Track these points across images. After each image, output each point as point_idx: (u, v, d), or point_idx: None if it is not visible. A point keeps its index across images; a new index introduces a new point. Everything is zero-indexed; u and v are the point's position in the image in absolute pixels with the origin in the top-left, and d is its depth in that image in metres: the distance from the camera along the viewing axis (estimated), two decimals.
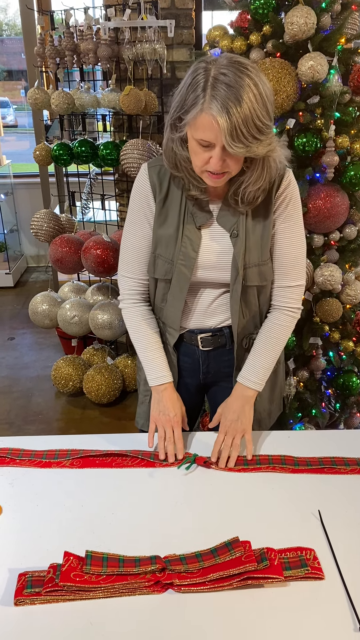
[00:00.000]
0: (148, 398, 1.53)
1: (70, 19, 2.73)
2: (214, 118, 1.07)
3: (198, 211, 1.30)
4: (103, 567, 0.97)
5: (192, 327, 1.43)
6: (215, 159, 1.13)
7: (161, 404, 1.38)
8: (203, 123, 1.10)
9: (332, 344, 2.24)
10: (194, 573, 0.97)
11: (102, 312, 2.86)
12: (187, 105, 1.11)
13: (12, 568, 1.00)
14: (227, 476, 1.25)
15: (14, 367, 3.57)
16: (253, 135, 1.09)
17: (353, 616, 0.91)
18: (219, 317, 1.41)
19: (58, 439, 1.39)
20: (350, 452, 1.33)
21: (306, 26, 1.86)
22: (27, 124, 13.18)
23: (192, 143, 1.16)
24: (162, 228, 1.33)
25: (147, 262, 1.39)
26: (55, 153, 2.91)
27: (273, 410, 1.55)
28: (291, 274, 1.37)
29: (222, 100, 1.05)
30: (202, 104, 1.08)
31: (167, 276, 1.35)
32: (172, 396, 1.39)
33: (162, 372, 1.40)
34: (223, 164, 1.15)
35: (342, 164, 2.03)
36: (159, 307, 1.43)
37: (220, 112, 1.06)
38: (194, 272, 1.33)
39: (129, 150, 2.51)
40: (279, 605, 0.93)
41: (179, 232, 1.30)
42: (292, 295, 1.38)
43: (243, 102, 1.06)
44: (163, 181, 1.30)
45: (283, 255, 1.35)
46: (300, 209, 1.34)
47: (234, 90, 1.05)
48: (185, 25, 2.80)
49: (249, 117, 1.07)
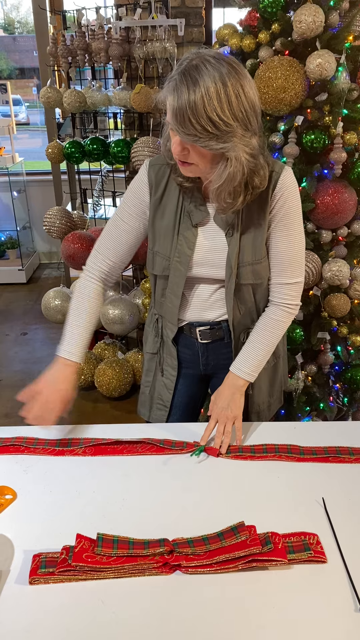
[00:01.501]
0: (148, 388, 1.58)
1: (82, 19, 2.77)
2: (167, 98, 1.08)
3: (194, 209, 1.32)
4: (113, 548, 1.01)
5: (190, 319, 1.46)
6: (174, 143, 1.14)
7: (50, 373, 1.38)
8: (167, 104, 1.10)
9: (340, 338, 2.26)
10: (201, 555, 1.01)
11: (113, 307, 2.91)
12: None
13: (27, 550, 1.04)
14: (235, 464, 1.29)
15: (27, 362, 3.63)
16: (203, 126, 1.06)
17: (354, 597, 0.94)
18: (217, 311, 1.44)
19: (71, 428, 1.43)
20: (355, 442, 1.35)
21: (314, 24, 1.88)
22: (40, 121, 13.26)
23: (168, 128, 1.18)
24: (159, 225, 1.36)
25: (120, 248, 1.41)
26: (67, 151, 2.96)
27: (272, 403, 1.58)
28: (289, 271, 1.37)
29: (177, 83, 1.06)
30: (166, 85, 1.10)
31: (165, 272, 1.38)
32: (64, 374, 1.37)
33: (72, 348, 1.38)
34: (184, 152, 1.14)
35: (350, 161, 2.05)
36: (159, 302, 1.46)
37: (171, 92, 1.06)
38: (189, 269, 1.36)
39: (139, 148, 2.55)
40: (282, 586, 0.97)
41: (175, 229, 1.34)
42: (289, 292, 1.39)
43: (197, 90, 1.04)
44: (161, 180, 1.34)
45: (281, 253, 1.35)
46: (299, 207, 1.32)
47: (194, 79, 1.04)
48: (195, 23, 2.82)
49: (200, 106, 1.04)
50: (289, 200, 1.30)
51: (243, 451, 1.32)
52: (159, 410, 1.57)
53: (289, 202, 1.30)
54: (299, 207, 1.33)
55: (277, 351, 1.53)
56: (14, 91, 14.97)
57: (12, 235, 5.16)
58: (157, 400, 1.57)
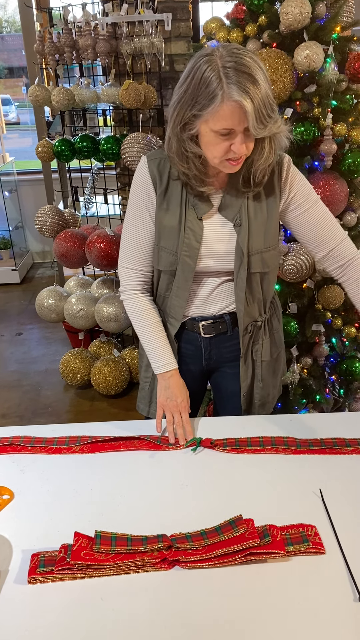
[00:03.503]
0: (147, 384, 1.58)
1: (69, 15, 2.75)
2: (238, 103, 1.10)
3: (199, 202, 1.32)
4: (112, 546, 1.01)
5: (193, 314, 1.46)
6: (239, 143, 1.16)
7: (168, 390, 1.42)
8: (225, 112, 1.12)
9: (335, 330, 2.26)
10: (199, 550, 1.01)
11: (108, 305, 2.90)
12: (201, 103, 1.13)
13: (25, 549, 1.04)
14: (232, 457, 1.29)
15: (22, 362, 3.63)
16: (269, 114, 1.14)
17: (353, 587, 0.95)
18: (219, 305, 1.44)
19: (68, 427, 1.43)
20: (351, 433, 1.36)
21: (301, 16, 1.88)
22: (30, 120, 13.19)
23: (209, 136, 1.18)
24: (164, 220, 1.35)
25: (148, 253, 1.41)
26: (57, 149, 2.95)
27: (275, 395, 1.59)
28: (335, 232, 1.39)
29: (240, 85, 1.09)
30: (221, 95, 1.10)
31: (171, 267, 1.38)
32: (178, 382, 1.44)
33: (168, 359, 1.43)
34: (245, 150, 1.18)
35: (340, 152, 2.05)
36: (163, 297, 1.46)
37: (242, 95, 1.09)
38: (198, 262, 1.36)
39: (129, 144, 2.54)
40: (281, 578, 0.97)
41: (181, 223, 1.33)
42: (349, 246, 1.39)
43: (258, 83, 1.10)
44: (163, 173, 1.33)
45: (320, 226, 1.37)
46: (307, 182, 1.37)
47: (246, 74, 1.09)
48: (182, 18, 2.81)
49: (265, 97, 1.12)
50: (298, 181, 1.35)
51: (240, 444, 1.32)
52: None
53: (299, 182, 1.35)
54: (307, 181, 1.38)
55: (279, 342, 1.54)
56: (3, 91, 14.91)
57: (4, 235, 5.14)
58: (156, 395, 1.56)
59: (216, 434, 1.36)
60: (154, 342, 1.44)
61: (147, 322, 1.45)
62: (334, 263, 1.40)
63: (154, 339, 1.44)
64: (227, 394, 1.57)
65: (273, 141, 1.23)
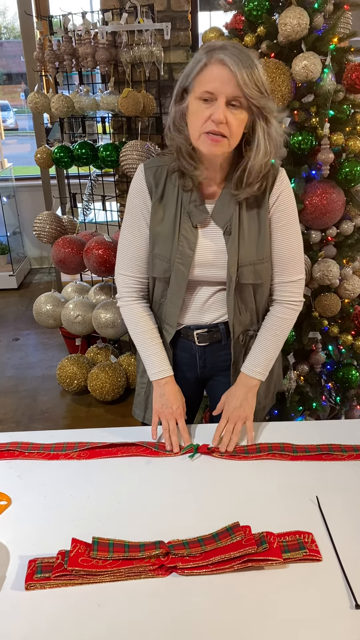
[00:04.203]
0: (143, 390, 1.58)
1: (69, 24, 2.77)
2: (224, 64, 1.13)
3: (194, 209, 1.33)
4: (109, 552, 1.01)
5: (188, 323, 1.47)
6: (219, 108, 1.16)
7: (164, 397, 1.42)
8: (210, 73, 1.16)
9: (331, 337, 2.27)
10: (197, 557, 1.01)
11: (105, 311, 2.91)
12: (190, 72, 1.19)
13: (22, 555, 1.04)
14: (229, 464, 1.30)
15: (19, 367, 3.62)
16: (265, 87, 1.17)
17: (349, 595, 0.95)
18: (214, 314, 1.45)
19: (65, 433, 1.43)
20: (347, 440, 1.36)
21: (299, 27, 1.90)
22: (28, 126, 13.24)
23: (193, 105, 1.20)
24: (159, 227, 1.36)
25: (145, 260, 1.43)
26: (56, 156, 2.96)
27: (267, 404, 1.60)
28: (291, 269, 1.41)
29: (233, 54, 1.14)
30: (208, 58, 1.16)
31: (165, 274, 1.38)
32: (173, 389, 1.44)
33: (163, 366, 1.44)
34: (225, 118, 1.17)
35: (337, 161, 2.06)
36: (158, 303, 1.47)
37: (232, 60, 1.13)
38: (191, 270, 1.37)
39: (128, 152, 2.56)
40: (278, 585, 0.98)
41: (176, 231, 1.34)
42: (293, 289, 1.42)
43: (254, 62, 1.16)
44: (159, 181, 1.34)
45: (282, 252, 1.38)
46: (295, 206, 1.38)
47: (242, 52, 1.16)
48: (181, 27, 2.84)
49: (259, 73, 1.16)
50: (286, 200, 1.35)
51: (237, 451, 1.33)
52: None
53: (286, 202, 1.35)
54: (295, 206, 1.38)
55: None
56: (2, 97, 14.95)
57: (2, 240, 5.15)
58: (151, 402, 1.56)
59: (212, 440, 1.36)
60: (150, 349, 1.45)
61: (142, 329, 1.45)
62: (275, 295, 1.44)
63: (150, 345, 1.45)
64: None
65: (269, 137, 1.23)
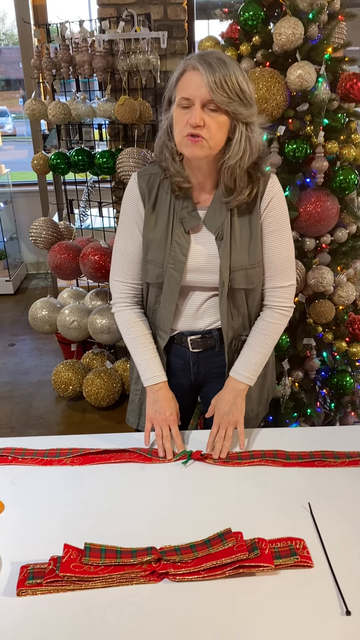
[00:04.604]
0: (137, 396, 1.58)
1: (66, 32, 2.79)
2: (196, 69, 1.18)
3: (187, 215, 1.35)
4: (101, 558, 1.01)
5: (182, 329, 1.48)
6: (194, 112, 1.19)
7: (157, 403, 1.43)
8: (185, 80, 1.20)
9: (326, 344, 2.28)
10: (188, 563, 1.01)
11: (101, 316, 2.91)
12: (171, 83, 1.24)
13: (14, 561, 1.04)
14: (221, 470, 1.30)
15: (14, 373, 3.62)
16: (236, 92, 1.19)
17: (340, 601, 0.95)
18: (208, 320, 1.46)
19: (59, 439, 1.43)
20: (341, 447, 1.37)
21: (294, 36, 1.92)
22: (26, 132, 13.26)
23: (175, 112, 1.24)
24: (152, 233, 1.38)
25: (139, 267, 1.44)
26: (53, 162, 2.97)
27: (260, 412, 1.59)
28: (282, 274, 1.41)
29: (204, 59, 1.18)
30: (184, 67, 1.21)
31: (158, 280, 1.39)
32: (167, 395, 1.44)
33: (156, 372, 1.44)
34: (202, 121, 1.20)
35: (331, 169, 2.08)
36: (152, 309, 1.47)
37: (202, 64, 1.17)
38: (183, 276, 1.38)
39: (124, 159, 2.57)
40: (270, 591, 0.98)
41: (168, 236, 1.36)
42: (284, 295, 1.43)
43: (228, 65, 1.19)
44: (152, 188, 1.36)
45: (273, 257, 1.39)
46: (286, 212, 1.39)
47: (215, 57, 1.19)
48: (178, 35, 2.86)
49: (234, 77, 1.18)
50: (277, 205, 1.36)
51: (230, 458, 1.33)
52: None
53: (277, 207, 1.36)
54: (286, 211, 1.39)
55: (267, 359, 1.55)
56: (0, 103, 14.98)
57: None
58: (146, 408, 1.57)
59: (206, 447, 1.37)
60: (143, 355, 1.45)
61: (136, 334, 1.46)
62: (266, 300, 1.45)
63: (143, 351, 1.45)
64: None
65: (247, 139, 1.25)
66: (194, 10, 2.99)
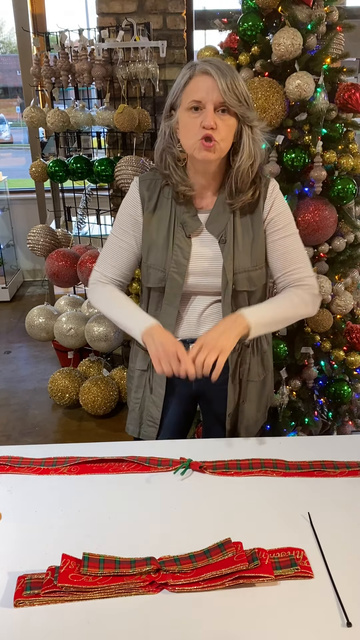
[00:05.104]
0: (138, 405, 1.57)
1: (65, 40, 2.80)
2: (208, 74, 1.21)
3: (188, 220, 1.36)
4: (100, 568, 1.00)
5: (184, 337, 1.47)
6: (208, 115, 1.22)
7: (156, 340, 1.29)
8: (195, 85, 1.23)
9: (324, 353, 2.28)
10: (188, 573, 1.00)
11: (98, 324, 2.91)
12: (176, 88, 1.26)
13: (11, 571, 1.03)
14: (220, 480, 1.29)
15: (10, 380, 3.60)
16: (244, 96, 1.25)
17: (341, 612, 0.95)
18: (209, 326, 1.45)
19: (56, 447, 1.42)
20: (339, 456, 1.36)
21: (293, 47, 1.93)
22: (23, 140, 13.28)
23: (184, 118, 1.26)
24: (153, 238, 1.39)
25: (123, 267, 1.45)
26: (51, 170, 2.98)
27: (259, 419, 1.59)
28: (302, 265, 1.42)
29: (214, 65, 1.21)
30: (192, 72, 1.23)
31: (160, 284, 1.40)
32: (164, 332, 1.32)
33: (144, 317, 1.36)
34: (215, 124, 1.23)
35: (329, 179, 2.09)
36: (153, 316, 1.47)
37: (214, 70, 1.20)
38: (185, 279, 1.38)
39: (123, 167, 2.58)
40: (269, 602, 0.97)
41: (170, 241, 1.37)
42: (309, 282, 1.41)
43: (234, 72, 1.24)
44: (153, 194, 1.38)
45: (291, 251, 1.41)
46: (289, 212, 1.42)
47: (223, 64, 1.25)
48: (177, 45, 2.87)
49: (241, 84, 1.24)
50: (280, 204, 1.40)
51: (229, 467, 1.32)
52: (149, 427, 1.56)
53: (281, 206, 1.40)
54: (289, 208, 1.42)
55: (267, 364, 1.55)
56: None
57: None
58: (147, 417, 1.56)
59: (205, 456, 1.36)
60: (128, 310, 1.38)
61: (116, 297, 1.43)
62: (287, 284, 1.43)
63: (127, 306, 1.39)
64: (216, 417, 1.57)
65: (254, 141, 1.30)
66: (192, 21, 3.01)
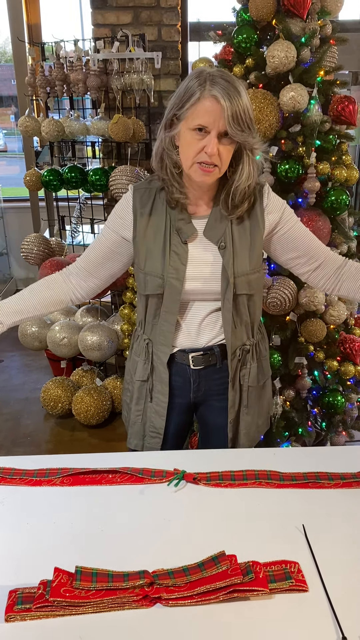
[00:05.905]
0: (140, 417, 1.56)
1: (61, 51, 2.81)
2: (217, 100, 1.18)
3: (182, 226, 1.37)
4: (92, 582, 0.98)
5: (183, 346, 1.47)
6: (211, 143, 1.22)
7: None
8: (203, 107, 1.20)
9: (317, 363, 2.28)
10: (182, 587, 0.99)
11: (92, 333, 2.90)
12: (184, 100, 1.22)
13: (2, 585, 1.01)
14: (214, 492, 1.28)
15: (3, 390, 3.58)
16: (248, 125, 1.24)
17: (336, 626, 0.94)
18: (208, 335, 1.46)
19: (48, 458, 1.40)
20: (333, 468, 1.36)
21: (287, 59, 1.95)
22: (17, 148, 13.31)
23: (186, 136, 1.25)
24: (149, 245, 1.39)
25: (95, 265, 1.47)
26: (45, 179, 2.98)
27: (260, 425, 1.59)
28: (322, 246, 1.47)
29: (224, 88, 1.19)
30: (201, 92, 1.20)
31: (158, 291, 1.40)
32: None
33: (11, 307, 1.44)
34: (217, 151, 1.23)
35: (323, 190, 2.10)
36: (151, 324, 1.47)
37: (223, 95, 1.18)
38: (184, 284, 1.38)
39: (117, 176, 2.58)
40: (264, 616, 0.96)
41: (166, 248, 1.37)
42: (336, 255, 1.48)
43: (241, 94, 1.22)
44: (147, 202, 1.39)
45: (308, 239, 1.45)
46: (285, 202, 1.44)
47: (231, 85, 1.19)
48: (171, 56, 2.89)
49: (246, 108, 1.22)
50: (278, 205, 1.42)
51: (223, 478, 1.31)
52: (152, 438, 1.55)
53: (281, 205, 1.42)
54: (285, 202, 1.45)
55: (266, 370, 1.55)
56: None
57: None
58: (150, 429, 1.55)
59: (200, 467, 1.35)
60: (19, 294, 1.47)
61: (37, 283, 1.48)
62: (328, 272, 1.46)
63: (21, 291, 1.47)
64: (213, 427, 1.57)
65: (252, 162, 1.31)
66: (187, 32, 3.03)
